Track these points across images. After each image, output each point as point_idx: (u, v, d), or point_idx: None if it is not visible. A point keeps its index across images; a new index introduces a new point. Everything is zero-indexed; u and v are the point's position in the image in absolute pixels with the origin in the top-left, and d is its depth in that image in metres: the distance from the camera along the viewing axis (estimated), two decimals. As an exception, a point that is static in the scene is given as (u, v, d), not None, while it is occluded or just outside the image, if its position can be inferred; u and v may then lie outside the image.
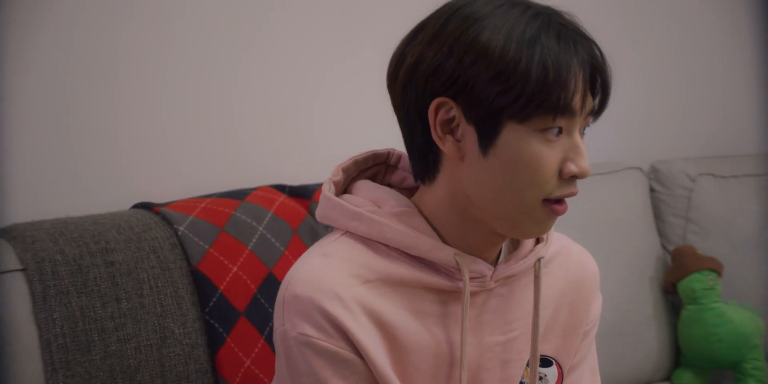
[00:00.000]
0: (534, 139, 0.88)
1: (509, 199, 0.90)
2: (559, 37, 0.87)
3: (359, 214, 0.94)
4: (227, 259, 1.32)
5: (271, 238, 1.38)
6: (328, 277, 0.90)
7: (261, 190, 1.46)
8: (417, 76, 0.91)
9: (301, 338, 0.89)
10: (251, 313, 1.31)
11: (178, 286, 1.28)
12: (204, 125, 1.55)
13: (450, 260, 0.92)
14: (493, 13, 0.89)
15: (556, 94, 0.86)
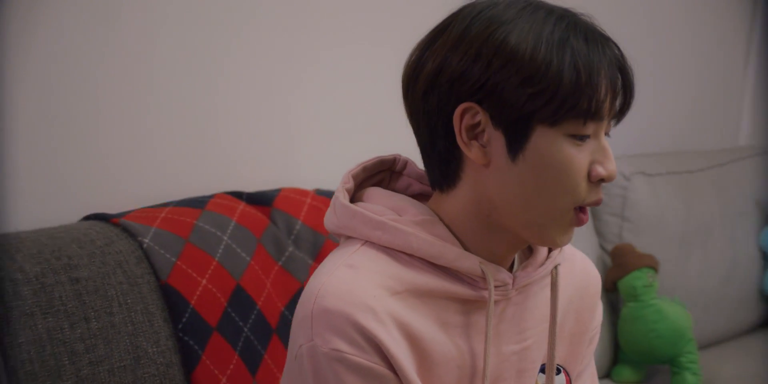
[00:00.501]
0: (564, 142, 0.87)
1: (540, 205, 0.89)
2: (587, 39, 0.87)
3: (382, 223, 0.91)
4: (196, 271, 1.27)
5: (236, 248, 1.33)
6: (358, 290, 0.87)
7: (218, 197, 1.40)
8: (441, 82, 0.89)
9: (333, 354, 0.85)
10: (223, 327, 1.26)
11: (149, 302, 1.21)
12: (146, 133, 1.46)
13: (475, 269, 0.91)
14: (519, 16, 0.88)
15: (587, 97, 0.85)
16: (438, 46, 0.91)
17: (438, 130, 0.91)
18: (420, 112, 0.92)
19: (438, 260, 0.91)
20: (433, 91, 0.90)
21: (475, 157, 0.89)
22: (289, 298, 1.38)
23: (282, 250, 1.39)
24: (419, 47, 0.94)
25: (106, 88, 1.39)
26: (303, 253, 1.41)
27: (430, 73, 0.90)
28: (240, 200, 1.41)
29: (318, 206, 1.45)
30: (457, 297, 0.92)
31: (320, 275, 0.91)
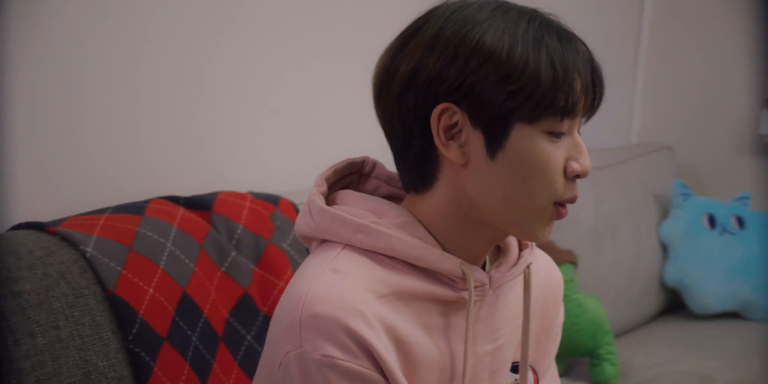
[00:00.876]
0: (542, 139, 0.88)
1: (520, 202, 0.90)
2: (560, 38, 0.88)
3: (364, 226, 0.91)
4: (142, 280, 1.22)
5: (180, 255, 1.28)
6: (347, 294, 0.86)
7: (155, 202, 1.35)
8: (417, 83, 0.89)
9: (324, 360, 0.83)
10: (173, 337, 1.22)
11: (96, 314, 1.16)
12: (76, 139, 1.39)
13: (456, 270, 0.91)
14: (492, 16, 0.89)
15: (564, 94, 0.87)
16: (412, 47, 0.90)
17: (414, 132, 0.91)
18: (395, 114, 0.92)
19: (420, 262, 0.91)
20: (408, 92, 0.90)
21: (453, 157, 0.89)
22: (232, 304, 1.35)
23: (224, 255, 1.35)
24: (391, 50, 0.93)
25: (31, 91, 1.32)
26: (245, 258, 1.38)
27: (406, 74, 0.90)
28: (178, 205, 1.37)
29: (257, 210, 1.43)
30: (438, 298, 0.92)
31: (303, 281, 0.89)
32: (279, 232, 1.43)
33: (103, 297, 1.17)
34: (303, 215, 0.98)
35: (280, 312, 0.91)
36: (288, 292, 0.92)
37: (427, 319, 0.92)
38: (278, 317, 0.91)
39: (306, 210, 0.97)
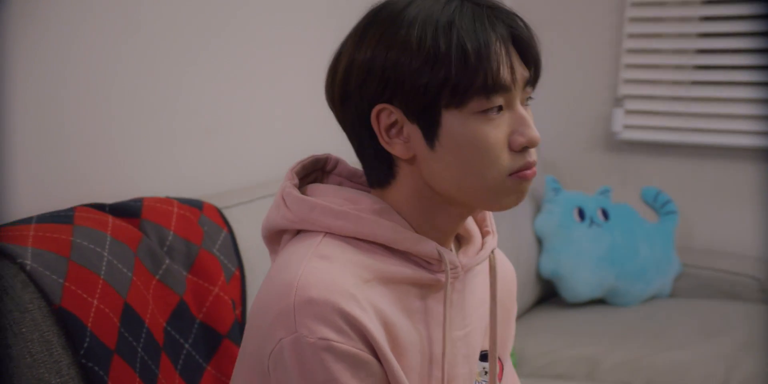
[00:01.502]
0: (475, 121, 0.89)
1: (471, 183, 0.91)
2: (474, 17, 0.88)
3: (345, 212, 0.93)
4: (85, 292, 1.17)
5: (117, 264, 1.24)
6: (338, 279, 0.88)
7: (82, 211, 1.29)
8: (351, 88, 0.91)
9: (321, 343, 0.85)
10: (121, 349, 1.18)
11: (44, 330, 1.10)
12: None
13: (433, 251, 0.94)
14: (410, 6, 0.90)
15: (482, 72, 0.87)
16: (345, 52, 0.93)
17: (363, 135, 0.94)
18: (346, 120, 0.95)
19: (399, 245, 0.93)
20: (348, 98, 0.93)
21: (399, 153, 0.92)
22: (169, 312, 1.31)
23: (158, 263, 1.32)
24: (333, 57, 0.96)
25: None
26: (178, 265, 1.35)
27: (342, 81, 0.93)
28: (104, 212, 1.32)
29: (185, 215, 1.40)
30: (416, 282, 0.95)
31: (290, 268, 0.90)
32: (209, 237, 1.41)
33: (49, 311, 1.12)
34: (277, 208, 0.99)
35: (266, 301, 0.91)
36: (272, 281, 0.92)
37: (407, 303, 0.94)
38: (265, 306, 0.90)
39: (280, 202, 0.98)
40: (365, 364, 0.88)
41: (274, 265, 0.97)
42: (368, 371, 0.88)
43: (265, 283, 0.96)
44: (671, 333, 2.15)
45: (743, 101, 2.60)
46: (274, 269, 0.95)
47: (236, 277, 1.42)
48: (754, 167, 2.62)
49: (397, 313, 0.92)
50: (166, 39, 1.57)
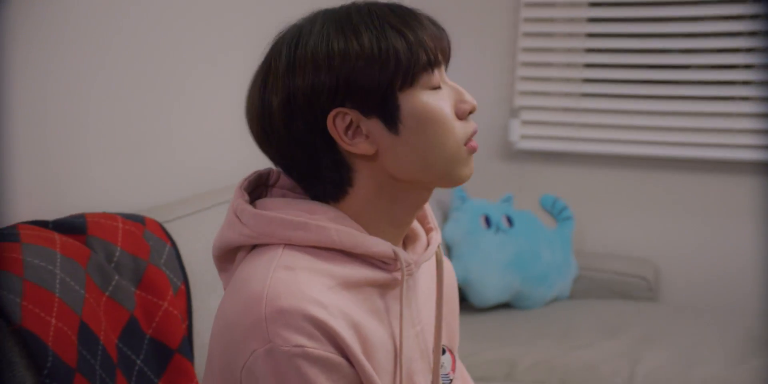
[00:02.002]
0: (426, 95, 0.97)
1: (437, 156, 0.98)
2: (392, 11, 0.98)
3: (304, 223, 0.96)
4: (43, 311, 1.15)
5: (70, 282, 1.23)
6: (305, 287, 0.91)
7: (26, 228, 1.27)
8: (296, 106, 0.96)
9: (295, 350, 0.88)
10: (82, 367, 1.17)
11: (6, 351, 1.08)
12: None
13: (389, 251, 0.99)
14: (324, 24, 0.97)
15: (422, 50, 0.96)
16: (271, 81, 0.98)
17: (318, 147, 0.98)
18: (290, 143, 0.98)
19: (357, 249, 0.97)
20: (293, 117, 0.97)
21: (364, 150, 0.97)
22: (120, 329, 1.31)
23: (108, 279, 1.31)
24: (253, 94, 1.00)
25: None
26: (126, 280, 1.34)
27: (280, 104, 0.97)
28: (48, 229, 1.30)
29: (131, 230, 1.39)
30: (375, 282, 0.99)
31: (255, 281, 0.93)
32: (155, 251, 1.40)
33: (9, 332, 1.10)
34: (231, 226, 1.01)
35: (233, 316, 0.93)
36: (237, 295, 0.94)
37: (371, 304, 0.99)
38: (232, 321, 0.93)
39: (233, 220, 1.00)
40: (338, 367, 0.91)
41: (235, 280, 0.98)
42: (341, 373, 0.91)
43: (227, 299, 0.97)
44: (576, 333, 2.27)
45: (629, 113, 2.77)
46: (237, 284, 0.96)
47: (182, 291, 1.43)
48: (641, 174, 2.79)
49: (363, 315, 0.96)
50: (94, 55, 1.55)
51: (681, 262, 2.81)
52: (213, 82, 1.89)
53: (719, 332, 2.32)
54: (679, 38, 2.74)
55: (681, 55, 2.75)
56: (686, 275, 2.82)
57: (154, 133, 1.68)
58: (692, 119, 2.74)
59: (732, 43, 2.69)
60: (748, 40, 2.67)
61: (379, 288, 1.00)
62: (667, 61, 2.75)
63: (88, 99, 1.55)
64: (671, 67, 2.75)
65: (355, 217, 1.00)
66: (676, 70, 2.75)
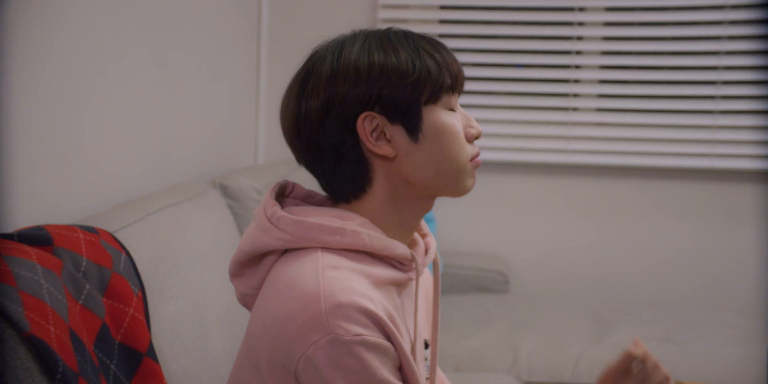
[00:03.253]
0: (446, 113, 1.14)
1: (448, 167, 1.13)
2: (423, 38, 1.15)
3: (341, 228, 1.08)
4: (43, 319, 1.18)
5: (54, 291, 1.26)
6: (354, 284, 1.04)
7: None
8: (333, 107, 1.09)
9: (356, 339, 1.00)
10: (83, 372, 1.21)
11: (22, 358, 1.12)
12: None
13: (407, 253, 1.13)
14: (365, 41, 1.12)
15: (448, 74, 1.13)
16: (312, 87, 1.11)
17: (345, 147, 1.11)
18: (320, 142, 1.11)
19: (383, 251, 1.11)
20: (328, 119, 1.10)
21: (385, 152, 1.11)
22: (94, 335, 1.35)
23: (80, 288, 1.34)
24: (292, 96, 1.13)
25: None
26: (93, 288, 1.38)
27: (320, 107, 1.10)
28: (18, 242, 1.32)
29: (92, 240, 1.43)
30: (395, 281, 1.13)
31: (305, 281, 1.04)
32: (116, 260, 1.45)
33: (21, 340, 1.13)
34: (265, 231, 1.11)
35: (285, 313, 1.03)
36: (287, 294, 1.04)
37: (392, 301, 1.12)
38: (286, 318, 1.03)
39: (268, 226, 1.11)
40: (387, 351, 1.04)
41: (278, 281, 1.08)
42: (389, 357, 1.04)
43: (273, 299, 1.07)
44: (456, 325, 2.47)
45: (490, 122, 3.04)
46: (283, 285, 1.06)
47: (140, 297, 1.48)
48: (492, 177, 3.06)
49: (392, 311, 1.08)
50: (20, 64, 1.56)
51: (528, 256, 3.11)
52: (131, 91, 1.92)
53: (574, 317, 2.60)
54: (517, 40, 3.05)
55: (519, 55, 3.05)
56: (533, 269, 3.11)
57: (74, 144, 1.70)
58: (525, 127, 3.04)
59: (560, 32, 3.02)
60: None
61: (397, 286, 1.13)
62: (507, 60, 3.06)
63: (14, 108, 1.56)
64: (507, 66, 3.07)
65: (374, 221, 1.12)
66: (513, 69, 3.05)
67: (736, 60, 2.96)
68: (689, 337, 2.41)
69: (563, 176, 3.07)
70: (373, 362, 1.01)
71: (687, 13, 2.97)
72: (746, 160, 2.99)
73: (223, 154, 2.67)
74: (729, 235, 3.06)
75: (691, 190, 3.06)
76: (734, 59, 2.96)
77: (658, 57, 3.02)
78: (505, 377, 2.13)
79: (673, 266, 3.08)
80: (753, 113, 3.01)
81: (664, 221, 3.08)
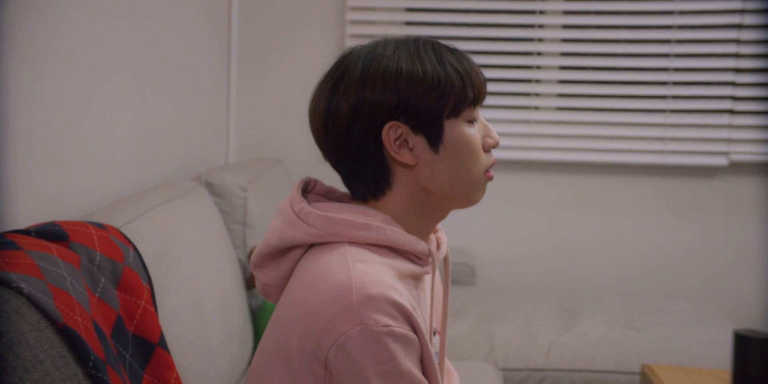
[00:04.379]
0: (466, 127, 1.19)
1: (463, 178, 1.18)
2: (451, 52, 1.20)
3: (368, 224, 1.14)
4: (71, 311, 1.24)
5: (75, 284, 1.32)
6: (384, 277, 1.09)
7: (16, 237, 1.33)
8: (361, 114, 1.15)
9: (384, 329, 1.05)
10: (109, 360, 1.27)
11: (58, 347, 1.17)
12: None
13: (425, 249, 1.19)
14: (396, 49, 1.18)
15: (471, 89, 1.18)
16: (344, 89, 1.17)
17: (369, 151, 1.17)
18: (346, 143, 1.17)
19: (405, 246, 1.17)
20: (355, 123, 1.16)
21: (407, 160, 1.17)
22: (110, 327, 1.40)
23: (96, 281, 1.40)
24: (323, 93, 1.18)
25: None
26: (108, 282, 1.43)
27: (348, 110, 1.16)
28: (35, 237, 1.37)
29: (103, 236, 1.48)
30: (414, 275, 1.19)
31: (336, 274, 1.09)
32: (126, 254, 1.50)
33: (54, 330, 1.18)
34: (293, 225, 1.17)
35: (317, 304, 1.08)
36: (321, 286, 1.09)
37: (413, 293, 1.18)
38: (317, 309, 1.08)
39: (296, 221, 1.17)
40: (412, 342, 1.09)
41: (307, 274, 1.13)
42: (413, 347, 1.10)
43: (304, 290, 1.12)
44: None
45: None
46: (314, 277, 1.11)
47: (149, 290, 1.53)
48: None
49: (413, 302, 1.14)
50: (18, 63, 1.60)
51: (494, 250, 3.21)
52: (125, 92, 1.95)
53: (542, 307, 2.71)
54: (481, 41, 3.14)
55: (483, 56, 3.15)
56: (498, 261, 3.22)
57: (69, 141, 1.74)
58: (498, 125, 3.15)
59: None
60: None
61: (414, 279, 1.19)
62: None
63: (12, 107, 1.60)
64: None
65: (395, 219, 1.18)
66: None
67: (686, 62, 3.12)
68: (649, 324, 2.54)
69: (526, 172, 3.18)
70: (398, 353, 1.06)
71: (639, 18, 3.12)
72: (695, 157, 3.14)
73: (198, 152, 2.72)
74: (680, 227, 3.21)
75: (646, 185, 3.21)
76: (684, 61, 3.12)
77: (614, 58, 3.16)
78: (483, 365, 2.23)
79: (631, 257, 3.22)
80: (702, 112, 3.17)
81: (622, 215, 3.22)
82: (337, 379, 1.08)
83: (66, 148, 1.73)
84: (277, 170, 2.82)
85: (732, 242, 3.17)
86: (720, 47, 3.10)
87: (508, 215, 3.21)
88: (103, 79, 1.90)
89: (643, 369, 2.07)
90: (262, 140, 3.14)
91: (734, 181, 3.16)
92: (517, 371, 2.29)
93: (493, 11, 3.14)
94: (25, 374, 1.08)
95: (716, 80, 3.13)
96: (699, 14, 3.09)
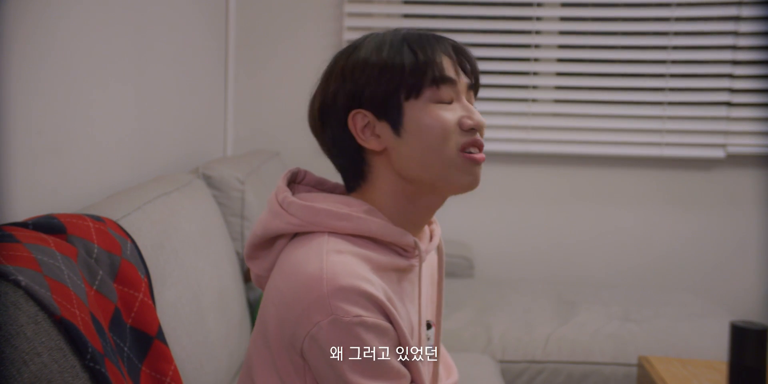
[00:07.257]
0: (431, 106, 1.16)
1: (432, 160, 1.15)
2: (420, 35, 1.19)
3: (348, 215, 1.15)
4: (68, 303, 1.24)
5: (73, 277, 1.32)
6: (356, 268, 1.09)
7: (13, 230, 1.33)
8: (328, 106, 1.18)
9: (355, 320, 1.05)
10: (107, 352, 1.27)
11: (56, 339, 1.17)
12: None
13: (411, 242, 1.19)
14: (366, 38, 1.20)
15: (430, 68, 1.15)
16: (318, 87, 1.21)
17: (344, 142, 1.18)
18: (330, 140, 1.20)
19: (387, 238, 1.16)
20: (328, 118, 1.18)
21: (374, 146, 1.17)
22: (108, 319, 1.40)
23: (94, 274, 1.40)
24: (313, 93, 1.22)
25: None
26: (105, 274, 1.43)
27: (320, 107, 1.19)
28: (32, 230, 1.37)
29: (101, 228, 1.48)
30: (397, 267, 1.19)
31: (310, 264, 1.09)
32: (123, 247, 1.50)
33: (52, 322, 1.18)
34: (276, 215, 1.17)
35: (291, 294, 1.09)
36: (293, 277, 1.10)
37: (394, 287, 1.18)
38: (291, 299, 1.08)
39: (279, 211, 1.17)
40: (386, 331, 1.10)
41: (284, 264, 1.13)
42: (389, 337, 1.10)
43: (281, 280, 1.12)
44: (427, 308, 2.57)
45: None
46: (290, 267, 1.12)
47: (146, 283, 1.54)
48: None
49: (392, 295, 1.14)
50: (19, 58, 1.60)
51: (491, 242, 3.22)
52: (118, 87, 1.94)
53: (538, 299, 2.72)
54: (479, 34, 3.14)
55: (481, 49, 3.15)
56: (496, 254, 3.22)
57: (66, 135, 1.74)
58: (488, 118, 3.15)
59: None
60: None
61: (397, 272, 1.18)
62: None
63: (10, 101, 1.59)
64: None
65: (381, 210, 1.18)
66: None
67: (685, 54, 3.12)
68: (647, 316, 2.54)
69: (524, 165, 3.18)
70: (372, 342, 1.07)
71: (637, 10, 3.11)
72: (692, 149, 3.15)
73: (195, 145, 2.71)
74: (677, 219, 3.21)
75: (644, 178, 3.21)
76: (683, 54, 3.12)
77: (612, 50, 3.16)
78: (481, 357, 2.24)
79: (628, 249, 3.23)
80: (699, 104, 3.17)
81: (619, 207, 3.23)
82: (313, 369, 1.09)
83: (63, 140, 1.73)
84: (274, 163, 2.82)
85: (729, 234, 3.18)
86: (717, 39, 3.09)
87: (506, 208, 3.21)
88: (101, 72, 1.90)
89: (640, 361, 2.07)
90: (260, 133, 3.15)
91: (731, 173, 3.16)
92: (514, 363, 2.30)
93: (490, 3, 3.14)
94: (23, 366, 1.08)
95: (714, 72, 3.13)
96: (696, 6, 3.09)
